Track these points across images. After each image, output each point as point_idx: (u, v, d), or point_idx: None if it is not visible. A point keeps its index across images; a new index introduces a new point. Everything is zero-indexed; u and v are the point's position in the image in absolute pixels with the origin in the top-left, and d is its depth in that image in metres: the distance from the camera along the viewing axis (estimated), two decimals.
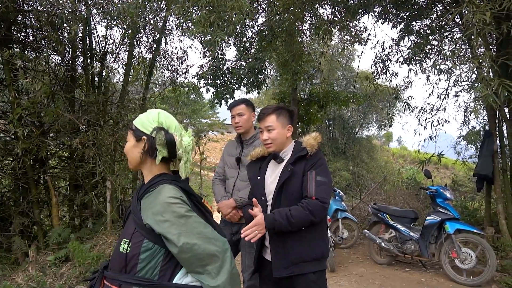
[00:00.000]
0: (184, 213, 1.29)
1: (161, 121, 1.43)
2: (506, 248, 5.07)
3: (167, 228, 1.26)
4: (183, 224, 1.27)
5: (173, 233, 1.25)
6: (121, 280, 1.30)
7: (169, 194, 1.30)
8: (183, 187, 1.39)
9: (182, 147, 1.41)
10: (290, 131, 2.20)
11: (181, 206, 1.29)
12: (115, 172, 5.44)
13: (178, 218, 1.27)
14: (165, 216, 1.27)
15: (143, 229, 1.30)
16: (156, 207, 1.29)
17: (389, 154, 26.32)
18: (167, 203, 1.28)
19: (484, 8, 3.77)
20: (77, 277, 4.41)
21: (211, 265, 1.26)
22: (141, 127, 1.43)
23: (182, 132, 1.46)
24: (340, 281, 4.80)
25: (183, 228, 1.26)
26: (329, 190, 2.03)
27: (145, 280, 1.27)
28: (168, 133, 1.41)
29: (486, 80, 4.20)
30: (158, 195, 1.31)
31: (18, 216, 5.06)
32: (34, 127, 4.98)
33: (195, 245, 1.25)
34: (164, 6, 6.25)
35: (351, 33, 7.78)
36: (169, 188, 1.33)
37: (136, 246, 1.29)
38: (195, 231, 1.27)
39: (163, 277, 1.29)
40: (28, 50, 5.58)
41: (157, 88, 9.09)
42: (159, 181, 1.38)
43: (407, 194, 8.39)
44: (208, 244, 1.27)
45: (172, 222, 1.26)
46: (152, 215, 1.29)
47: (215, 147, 24.50)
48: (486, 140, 5.81)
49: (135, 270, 1.29)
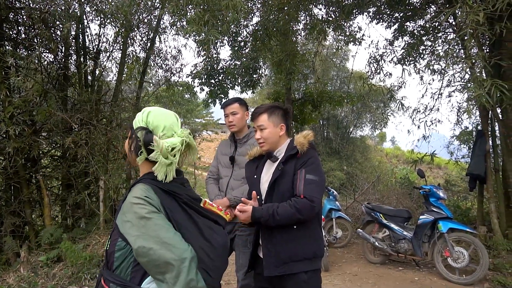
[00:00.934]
0: (144, 214, 1.22)
1: (148, 121, 1.40)
2: (498, 247, 5.12)
3: (127, 229, 1.23)
4: (143, 226, 1.21)
5: (132, 234, 1.22)
6: (105, 276, 1.31)
7: (134, 194, 1.27)
8: (163, 186, 1.33)
9: (161, 148, 1.33)
10: (283, 129, 2.18)
11: (142, 207, 1.23)
12: (108, 172, 5.40)
13: (139, 220, 1.22)
14: (128, 216, 1.25)
15: (117, 228, 1.30)
16: (124, 207, 1.28)
17: (383, 154, 26.46)
18: (131, 203, 1.25)
19: (477, 9, 3.80)
20: (69, 278, 4.37)
21: (168, 273, 1.18)
22: (134, 126, 1.43)
23: (175, 133, 1.41)
24: (334, 280, 4.81)
25: (142, 230, 1.21)
26: (320, 188, 2.00)
27: (119, 280, 1.26)
28: (148, 134, 1.37)
29: (479, 80, 4.24)
30: (128, 195, 1.30)
31: (9, 216, 5.00)
32: (26, 126, 4.93)
33: (151, 249, 1.18)
34: (158, 5, 6.21)
35: (346, 33, 7.81)
36: (138, 188, 1.30)
37: (113, 244, 1.30)
38: (153, 235, 1.20)
39: (134, 279, 1.27)
40: (20, 48, 5.52)
41: (151, 87, 9.04)
42: (140, 180, 1.37)
43: (401, 194, 8.44)
44: (164, 250, 1.18)
45: (132, 223, 1.22)
46: (120, 215, 1.28)
47: (209, 146, 24.44)
48: (479, 140, 5.87)
49: (113, 267, 1.29)
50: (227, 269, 5.22)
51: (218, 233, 1.40)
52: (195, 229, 1.33)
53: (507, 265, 4.70)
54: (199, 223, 1.36)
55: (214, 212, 1.45)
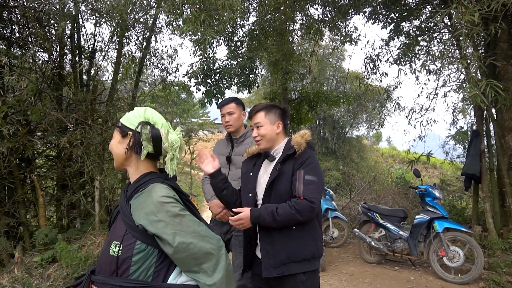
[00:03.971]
0: (179, 212, 1.27)
1: (147, 117, 1.41)
2: (493, 246, 5.15)
3: (162, 228, 1.23)
4: (178, 224, 1.24)
5: (168, 233, 1.22)
6: (112, 284, 1.25)
7: (162, 193, 1.27)
8: (173, 185, 1.37)
9: (168, 141, 1.38)
10: (280, 127, 2.18)
11: (175, 205, 1.27)
12: (104, 172, 5.37)
13: (173, 218, 1.25)
14: (159, 216, 1.24)
15: (135, 231, 1.26)
16: (149, 207, 1.26)
17: (379, 154, 26.58)
18: (161, 203, 1.25)
19: (473, 9, 3.81)
20: (64, 279, 4.33)
21: (207, 263, 1.24)
22: (127, 123, 1.41)
23: (170, 129, 1.44)
24: (331, 280, 4.81)
25: (178, 227, 1.24)
26: (319, 189, 1.98)
27: (138, 283, 1.23)
28: (154, 128, 1.38)
29: (474, 80, 4.26)
30: (150, 194, 1.28)
31: (3, 216, 4.95)
32: (20, 126, 4.86)
33: (191, 244, 1.23)
34: (154, 4, 6.18)
35: (342, 33, 7.83)
36: (161, 187, 1.30)
37: (128, 248, 1.25)
38: (189, 230, 1.25)
39: (157, 278, 1.26)
40: (14, 46, 5.46)
41: (147, 86, 8.98)
42: (149, 180, 1.34)
43: (397, 193, 8.47)
44: (203, 242, 1.25)
45: (167, 222, 1.23)
46: (145, 216, 1.25)
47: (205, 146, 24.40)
48: (474, 140, 5.90)
49: (128, 273, 1.24)
50: None
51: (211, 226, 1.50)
52: None
53: (502, 264, 4.73)
54: (200, 218, 1.42)
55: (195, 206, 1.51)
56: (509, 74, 5.45)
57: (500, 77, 5.38)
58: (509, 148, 5.52)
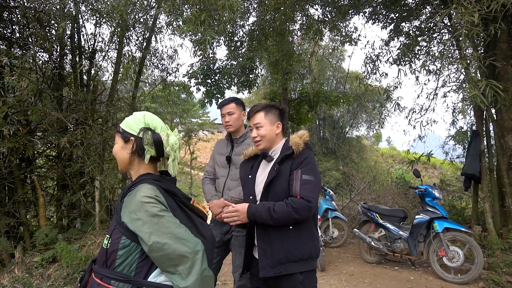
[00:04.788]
0: (157, 212, 1.31)
1: (147, 122, 1.50)
2: (493, 246, 5.16)
3: (139, 227, 1.30)
4: (155, 223, 1.30)
5: (144, 231, 1.29)
6: (102, 274, 1.35)
7: (144, 194, 1.34)
8: (165, 187, 1.43)
9: (169, 145, 1.48)
10: (279, 128, 2.19)
11: (154, 206, 1.32)
12: (104, 172, 5.37)
13: (151, 217, 1.30)
14: (138, 214, 1.31)
15: (121, 226, 1.35)
16: (132, 206, 1.33)
17: (379, 154, 26.59)
18: (141, 202, 1.32)
19: (472, 9, 3.82)
20: (64, 278, 4.34)
21: (182, 265, 1.29)
22: (128, 129, 1.50)
23: (168, 132, 1.53)
24: (331, 280, 4.82)
25: (155, 227, 1.29)
26: (316, 189, 2.00)
27: (122, 276, 1.32)
28: (155, 133, 1.48)
29: (474, 80, 4.27)
30: (135, 194, 1.36)
31: (3, 216, 4.95)
32: (20, 126, 4.87)
33: (165, 244, 1.27)
34: (154, 4, 6.19)
35: (342, 34, 7.84)
36: (146, 188, 1.37)
37: (115, 242, 1.35)
38: (166, 231, 1.30)
39: (139, 274, 1.33)
40: (14, 47, 5.46)
41: (147, 87, 8.99)
42: (141, 180, 1.43)
43: (396, 194, 8.48)
44: (179, 244, 1.29)
45: (145, 221, 1.30)
46: (128, 213, 1.33)
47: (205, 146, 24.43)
48: (474, 140, 5.91)
49: (114, 265, 1.34)
50: (224, 269, 5.18)
51: (207, 228, 1.52)
52: (192, 225, 1.44)
53: (502, 264, 4.74)
54: (195, 220, 1.48)
55: (200, 210, 1.56)
56: (508, 74, 5.45)
57: (500, 77, 5.39)
58: (509, 148, 5.52)
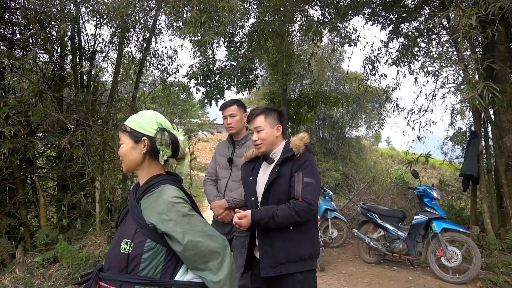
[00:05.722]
0: (188, 212, 1.35)
1: (159, 122, 1.47)
2: (491, 247, 5.19)
3: (172, 227, 1.30)
4: (187, 223, 1.32)
5: (177, 231, 1.30)
6: (122, 280, 1.31)
7: (172, 194, 1.35)
8: (181, 187, 1.45)
9: (185, 145, 1.50)
10: (280, 130, 2.21)
11: (184, 206, 1.35)
12: (104, 172, 5.40)
13: (182, 217, 1.32)
14: (170, 215, 1.31)
15: (145, 229, 1.33)
16: (160, 206, 1.33)
17: (378, 154, 26.60)
18: (172, 203, 1.33)
19: (470, 12, 3.85)
20: (65, 279, 4.37)
21: (213, 261, 1.32)
22: (139, 129, 1.44)
23: (175, 132, 1.52)
24: (330, 280, 4.85)
25: (187, 226, 1.32)
26: (316, 191, 2.03)
27: (147, 279, 1.31)
28: (171, 133, 1.47)
29: (472, 82, 4.30)
30: (161, 195, 1.36)
31: (4, 217, 4.97)
32: (21, 127, 4.90)
33: (199, 242, 1.30)
34: (154, 5, 6.21)
35: (341, 34, 7.86)
36: (171, 188, 1.38)
37: (139, 246, 1.32)
38: (197, 229, 1.33)
39: (165, 275, 1.33)
40: (15, 48, 5.48)
41: (147, 87, 9.02)
42: (159, 181, 1.42)
43: (396, 194, 8.51)
44: (210, 241, 1.33)
45: (177, 221, 1.31)
46: (156, 215, 1.32)
47: (205, 146, 24.44)
48: (472, 141, 5.93)
49: (137, 269, 1.31)
50: None
51: None
52: None
53: (499, 264, 4.76)
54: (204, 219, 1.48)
55: None
56: (506, 76, 5.49)
57: (497, 79, 5.42)
58: (507, 149, 5.56)
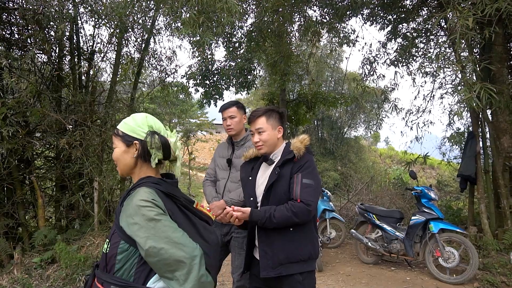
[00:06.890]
0: (154, 216, 1.27)
1: (150, 125, 1.46)
2: (488, 247, 5.21)
3: (136, 231, 1.26)
4: (152, 228, 1.26)
5: (141, 236, 1.25)
6: (103, 279, 1.33)
7: (140, 197, 1.31)
8: (164, 190, 1.38)
9: (177, 147, 1.47)
10: (281, 132, 2.23)
11: (150, 210, 1.28)
12: (103, 173, 5.40)
13: (147, 222, 1.27)
14: (135, 218, 1.27)
15: (120, 230, 1.32)
16: (129, 210, 1.31)
17: (377, 154, 26.62)
18: (138, 206, 1.28)
19: (467, 13, 3.87)
20: (63, 279, 4.37)
21: (179, 271, 1.25)
22: (130, 132, 1.44)
23: (168, 133, 1.50)
24: (328, 280, 4.86)
25: (151, 231, 1.26)
26: (316, 192, 2.04)
27: (121, 281, 1.29)
28: (162, 136, 1.45)
29: (469, 83, 4.31)
30: (133, 198, 1.33)
31: (2, 217, 4.97)
32: (19, 127, 4.89)
33: (162, 249, 1.24)
34: (153, 6, 6.21)
35: (339, 35, 7.88)
36: (143, 191, 1.33)
37: (114, 246, 1.32)
38: (163, 235, 1.26)
39: (138, 279, 1.30)
40: (13, 48, 5.48)
41: (146, 88, 9.02)
42: (140, 183, 1.40)
43: (394, 194, 8.54)
44: (175, 249, 1.25)
45: (141, 225, 1.26)
46: (125, 218, 1.30)
47: (203, 147, 24.42)
48: (470, 142, 5.96)
49: (113, 270, 1.31)
50: (222, 270, 5.21)
51: (212, 233, 1.47)
52: (194, 229, 1.39)
53: (497, 264, 4.79)
54: (196, 224, 1.42)
55: (204, 213, 1.52)
56: (504, 77, 5.51)
57: (495, 80, 5.44)
58: (504, 150, 5.58)
